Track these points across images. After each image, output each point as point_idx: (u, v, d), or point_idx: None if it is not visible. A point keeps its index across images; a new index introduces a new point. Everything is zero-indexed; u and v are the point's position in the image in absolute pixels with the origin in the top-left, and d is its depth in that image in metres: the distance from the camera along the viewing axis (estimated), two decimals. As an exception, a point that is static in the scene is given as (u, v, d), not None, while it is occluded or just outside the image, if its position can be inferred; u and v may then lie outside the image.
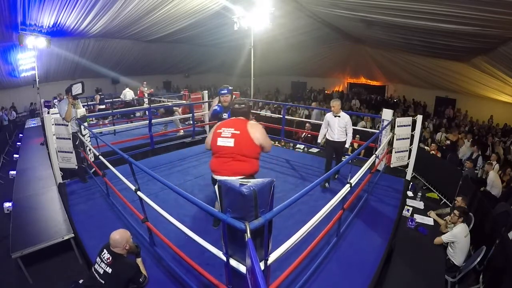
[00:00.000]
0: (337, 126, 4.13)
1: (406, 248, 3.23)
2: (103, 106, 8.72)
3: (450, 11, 6.67)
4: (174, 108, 7.40)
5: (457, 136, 7.84)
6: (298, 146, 6.62)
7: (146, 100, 9.38)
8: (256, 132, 2.32)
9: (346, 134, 4.14)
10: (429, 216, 3.88)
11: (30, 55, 9.57)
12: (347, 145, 4.12)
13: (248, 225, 1.30)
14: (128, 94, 9.39)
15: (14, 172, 5.34)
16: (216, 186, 1.56)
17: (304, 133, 7.03)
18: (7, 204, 3.98)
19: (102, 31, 10.01)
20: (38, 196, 3.96)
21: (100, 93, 8.97)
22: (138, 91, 9.76)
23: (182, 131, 6.77)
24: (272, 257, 1.59)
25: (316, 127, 7.55)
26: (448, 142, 7.82)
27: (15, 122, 11.95)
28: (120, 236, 2.21)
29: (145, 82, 10.04)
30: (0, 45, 8.99)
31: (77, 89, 3.95)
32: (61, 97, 8.12)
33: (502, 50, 7.94)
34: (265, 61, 14.03)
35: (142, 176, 3.31)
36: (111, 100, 9.25)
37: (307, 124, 7.08)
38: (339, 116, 4.12)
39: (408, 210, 3.98)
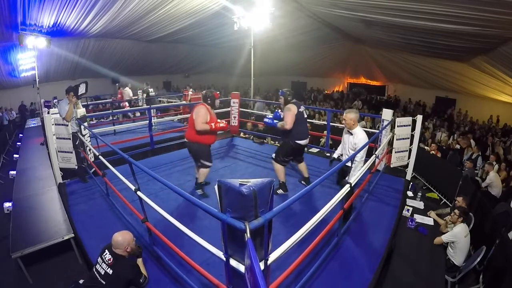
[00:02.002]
0: (346, 146, 3.22)
1: (406, 248, 3.23)
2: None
3: (450, 11, 6.67)
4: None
5: (467, 143, 7.88)
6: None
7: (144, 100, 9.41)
8: (194, 113, 3.50)
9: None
10: (429, 216, 3.89)
11: (30, 55, 9.55)
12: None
13: (248, 225, 1.30)
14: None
15: (14, 172, 5.34)
16: (216, 186, 1.57)
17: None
18: (7, 204, 3.98)
19: (102, 31, 10.00)
20: (38, 196, 3.96)
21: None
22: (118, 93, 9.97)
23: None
24: (272, 257, 1.59)
25: (315, 127, 7.54)
26: (458, 146, 7.87)
27: (15, 122, 11.95)
28: (122, 238, 2.21)
29: (128, 84, 10.54)
30: (0, 45, 8.97)
31: (81, 89, 3.96)
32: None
33: (502, 50, 7.94)
34: (265, 61, 14.01)
35: (142, 176, 3.30)
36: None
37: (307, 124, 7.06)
38: (351, 134, 3.14)
39: (408, 210, 3.98)
